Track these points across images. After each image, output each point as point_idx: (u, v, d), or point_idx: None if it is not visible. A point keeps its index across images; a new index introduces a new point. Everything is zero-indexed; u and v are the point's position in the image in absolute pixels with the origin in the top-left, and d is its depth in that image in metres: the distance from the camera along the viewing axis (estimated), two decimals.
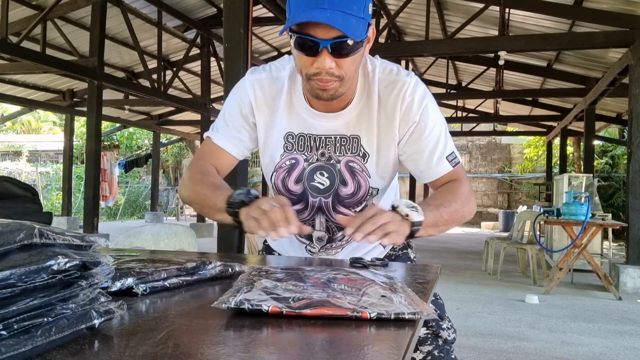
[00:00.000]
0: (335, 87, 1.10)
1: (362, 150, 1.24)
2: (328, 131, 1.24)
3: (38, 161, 19.69)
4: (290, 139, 1.26)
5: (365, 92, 1.21)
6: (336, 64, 1.06)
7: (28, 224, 0.53)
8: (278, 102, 1.24)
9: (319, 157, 1.25)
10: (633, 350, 3.55)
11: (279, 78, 1.25)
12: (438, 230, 1.12)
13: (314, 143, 1.25)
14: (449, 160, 1.22)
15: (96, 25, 7.49)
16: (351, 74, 1.11)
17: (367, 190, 1.27)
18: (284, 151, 1.27)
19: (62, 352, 0.51)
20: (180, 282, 0.87)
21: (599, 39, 6.15)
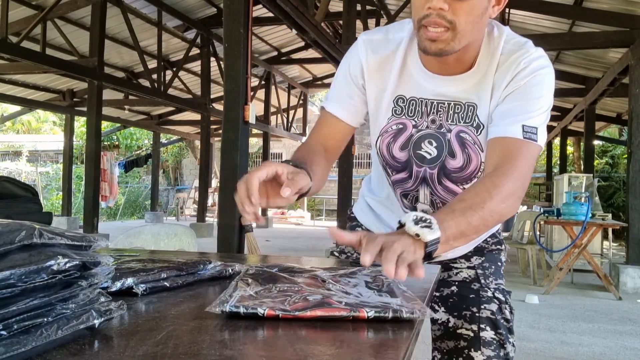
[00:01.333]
0: (446, 40, 0.99)
1: (476, 121, 1.13)
2: (441, 96, 1.13)
3: (38, 161, 19.69)
4: (401, 103, 1.17)
5: (488, 58, 1.10)
6: (449, 6, 0.96)
7: (28, 224, 0.53)
8: (391, 63, 1.15)
9: (429, 124, 1.15)
10: (633, 350, 3.54)
11: (395, 39, 1.16)
12: (466, 240, 0.93)
13: (425, 108, 1.15)
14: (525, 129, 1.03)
15: (96, 25, 7.49)
16: (466, 26, 0.99)
17: (478, 165, 1.15)
18: (392, 115, 1.17)
19: (62, 352, 0.51)
20: (180, 282, 0.87)
21: (599, 39, 6.15)
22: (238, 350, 0.54)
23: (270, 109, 12.93)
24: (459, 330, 1.22)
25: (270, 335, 0.60)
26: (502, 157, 1.02)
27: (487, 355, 1.17)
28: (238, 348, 0.54)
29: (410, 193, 1.24)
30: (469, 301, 1.23)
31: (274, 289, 0.77)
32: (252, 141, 18.12)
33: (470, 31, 1.01)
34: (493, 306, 1.22)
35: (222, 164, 4.69)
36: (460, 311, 1.23)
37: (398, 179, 1.24)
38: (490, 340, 1.19)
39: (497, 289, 1.26)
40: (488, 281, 1.27)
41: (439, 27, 0.98)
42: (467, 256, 1.31)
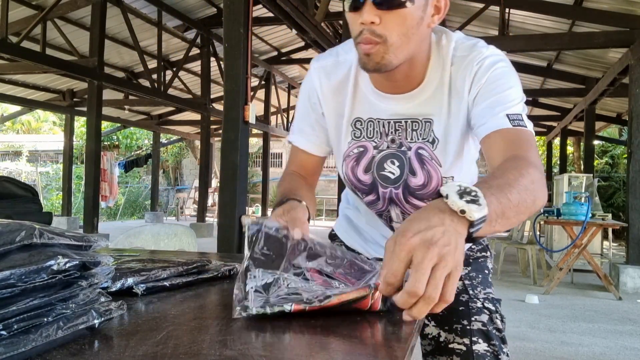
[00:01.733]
0: (380, 53, 0.97)
1: (432, 135, 1.11)
2: (397, 115, 1.12)
3: (38, 161, 19.70)
4: (359, 125, 1.16)
5: (439, 70, 1.08)
6: (380, 19, 0.95)
7: (28, 224, 0.53)
8: (345, 87, 1.15)
9: (389, 144, 1.14)
10: (633, 350, 3.54)
11: (346, 61, 1.16)
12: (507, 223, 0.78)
13: (382, 128, 1.14)
14: (510, 118, 0.98)
15: (96, 25, 7.49)
16: (399, 39, 0.97)
17: (439, 180, 1.14)
18: (352, 138, 1.17)
19: (62, 352, 0.51)
20: (180, 282, 0.87)
21: (599, 39, 6.15)
22: (238, 350, 0.54)
23: (270, 109, 12.93)
24: (451, 345, 1.19)
25: (270, 335, 0.60)
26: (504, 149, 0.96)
27: None
28: (238, 348, 0.54)
29: (383, 213, 1.24)
30: (458, 314, 1.21)
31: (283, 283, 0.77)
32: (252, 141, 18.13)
33: (406, 43, 0.98)
34: (484, 317, 1.20)
35: (222, 164, 4.69)
36: (450, 325, 1.20)
37: (369, 201, 1.24)
38: (484, 352, 1.16)
39: (486, 298, 1.24)
40: (477, 291, 1.24)
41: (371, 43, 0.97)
42: None
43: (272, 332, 0.61)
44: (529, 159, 0.90)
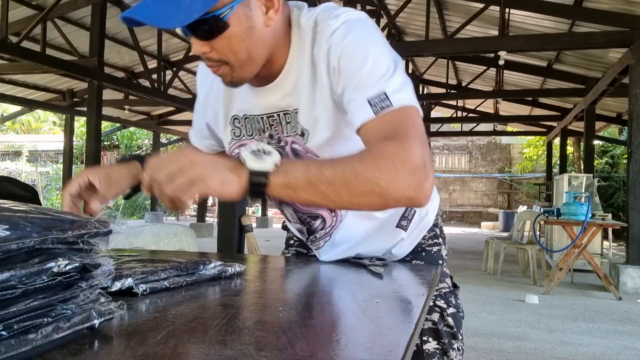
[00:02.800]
0: (228, 73, 0.93)
1: (299, 127, 1.01)
2: (269, 108, 1.04)
3: (38, 161, 19.70)
4: (237, 124, 1.10)
5: (299, 52, 0.98)
6: (210, 47, 0.90)
7: None
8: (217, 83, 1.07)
9: (268, 140, 1.06)
10: (633, 350, 3.55)
11: None
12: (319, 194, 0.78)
13: (259, 124, 1.07)
14: (373, 104, 0.86)
15: (96, 25, 7.49)
16: (236, 56, 0.91)
17: None
18: (232, 137, 1.11)
19: (62, 352, 0.51)
20: (180, 282, 0.87)
21: (599, 39, 6.16)
22: (238, 350, 0.54)
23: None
24: None
25: (270, 335, 0.60)
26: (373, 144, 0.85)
27: None
28: (238, 348, 0.55)
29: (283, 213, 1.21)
30: None
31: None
32: None
33: (248, 57, 0.92)
34: (434, 316, 1.18)
35: None
36: None
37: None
38: (434, 351, 1.16)
39: (438, 295, 1.20)
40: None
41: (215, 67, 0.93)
42: (406, 261, 1.24)
43: (272, 332, 0.61)
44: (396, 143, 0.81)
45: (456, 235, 13.26)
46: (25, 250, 0.50)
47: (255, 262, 1.28)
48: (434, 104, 14.08)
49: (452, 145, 19.05)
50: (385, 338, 0.60)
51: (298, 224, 1.19)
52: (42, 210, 0.57)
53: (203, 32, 0.88)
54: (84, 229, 0.57)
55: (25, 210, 0.56)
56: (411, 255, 1.24)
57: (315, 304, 0.82)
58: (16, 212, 0.55)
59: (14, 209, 0.56)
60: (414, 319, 0.69)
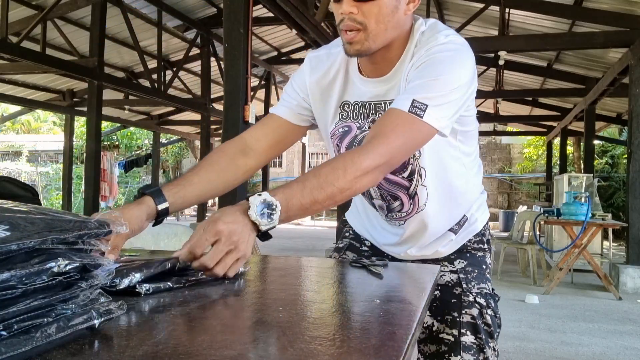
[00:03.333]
0: (360, 40, 1.07)
1: None
2: (377, 97, 1.20)
3: (38, 161, 19.70)
4: (347, 108, 1.24)
5: (410, 53, 1.15)
6: (358, 9, 1.04)
7: None
8: (334, 73, 1.24)
9: (370, 124, 1.21)
10: (633, 350, 3.55)
11: (335, 53, 1.24)
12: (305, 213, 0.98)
13: (365, 110, 1.22)
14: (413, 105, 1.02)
15: (96, 25, 7.49)
16: (377, 25, 1.06)
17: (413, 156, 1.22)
18: (339, 119, 1.25)
19: (62, 352, 0.51)
20: (183, 282, 0.88)
21: (599, 39, 6.16)
22: (238, 350, 0.54)
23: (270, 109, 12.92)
24: (441, 335, 1.24)
25: (271, 335, 0.60)
26: (380, 127, 1.04)
27: (466, 359, 1.20)
28: (238, 348, 0.55)
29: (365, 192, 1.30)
30: (450, 306, 1.25)
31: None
32: None
33: (384, 30, 1.07)
34: (474, 311, 1.24)
35: None
36: (442, 315, 1.25)
37: None
38: (470, 344, 1.21)
39: (479, 293, 1.28)
40: (470, 285, 1.28)
41: (352, 30, 1.06)
42: (450, 259, 1.32)
43: (273, 332, 0.62)
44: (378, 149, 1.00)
45: None
46: (25, 250, 0.50)
47: (255, 262, 1.28)
48: None
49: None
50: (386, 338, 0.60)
51: (380, 200, 1.30)
52: (42, 210, 0.57)
53: None
54: (84, 229, 0.57)
55: (25, 210, 0.56)
56: (456, 254, 1.33)
57: (315, 304, 0.82)
58: (16, 212, 0.55)
59: (14, 209, 0.56)
60: (414, 319, 0.69)
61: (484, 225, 1.37)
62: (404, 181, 1.24)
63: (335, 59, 1.24)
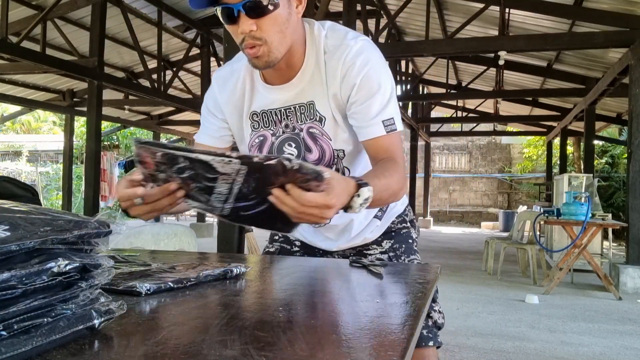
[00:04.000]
0: (265, 52, 1.10)
1: (318, 115, 1.25)
2: (286, 102, 1.25)
3: (38, 161, 19.69)
4: (255, 118, 1.29)
5: (314, 56, 1.21)
6: (257, 26, 1.08)
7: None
8: (239, 88, 1.28)
9: (284, 129, 1.27)
10: (633, 350, 3.55)
11: (238, 68, 1.29)
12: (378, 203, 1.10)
13: (275, 117, 1.27)
14: (385, 124, 1.18)
15: (96, 25, 7.49)
16: (277, 36, 1.11)
17: (331, 153, 1.28)
18: (252, 130, 1.30)
19: (62, 352, 0.51)
20: (184, 283, 0.88)
21: (599, 39, 6.15)
22: (238, 350, 0.54)
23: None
24: None
25: (270, 335, 0.60)
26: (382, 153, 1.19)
27: None
28: (238, 348, 0.55)
29: None
30: None
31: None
32: None
33: (283, 38, 1.12)
34: None
35: None
36: None
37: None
38: None
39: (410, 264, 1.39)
40: (400, 260, 1.41)
41: (255, 47, 1.10)
42: (378, 241, 1.44)
43: (272, 332, 0.62)
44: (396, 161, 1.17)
45: (456, 235, 13.26)
46: (25, 250, 0.50)
47: (256, 262, 1.28)
48: (434, 104, 14.08)
49: (452, 145, 19.05)
50: (386, 338, 0.60)
51: None
52: (42, 210, 0.57)
53: (258, 10, 1.06)
54: (84, 229, 0.57)
55: (25, 210, 0.56)
56: (382, 236, 1.45)
57: (315, 304, 0.82)
58: (16, 212, 0.55)
59: (14, 209, 0.56)
60: (414, 319, 0.69)
61: (405, 207, 1.50)
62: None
63: (239, 74, 1.28)
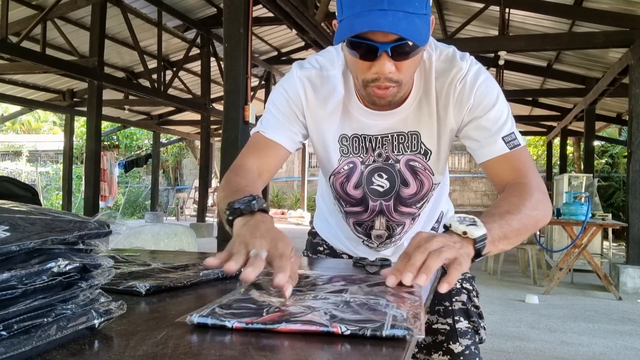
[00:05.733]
0: (394, 93, 1.01)
1: (423, 147, 1.15)
2: (384, 130, 1.14)
3: (38, 161, 19.69)
4: (345, 142, 1.17)
5: (422, 84, 1.11)
6: (396, 68, 0.97)
7: None
8: (330, 103, 1.14)
9: (375, 158, 1.18)
10: (633, 350, 3.55)
11: (330, 77, 1.14)
12: (509, 243, 0.94)
13: (369, 144, 1.16)
14: (506, 141, 1.07)
15: (96, 25, 7.49)
16: (411, 77, 1.03)
17: (430, 187, 1.22)
18: (341, 155, 1.19)
19: (62, 352, 0.51)
20: (184, 282, 0.87)
21: (599, 39, 6.16)
22: (238, 350, 0.54)
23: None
24: (435, 326, 1.25)
25: (271, 335, 0.60)
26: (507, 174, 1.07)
27: (465, 345, 1.23)
28: (238, 348, 0.55)
29: (365, 223, 1.29)
30: (440, 296, 1.26)
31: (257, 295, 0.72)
32: None
33: (413, 75, 1.05)
34: (463, 297, 1.27)
35: (222, 164, 4.69)
36: (433, 307, 1.27)
37: (352, 212, 1.28)
38: (466, 329, 1.25)
39: (463, 279, 1.30)
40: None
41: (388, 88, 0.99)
42: None
43: (273, 333, 0.61)
44: (531, 184, 1.03)
45: None
46: (25, 251, 0.50)
47: None
48: None
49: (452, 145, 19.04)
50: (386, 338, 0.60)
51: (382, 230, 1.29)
52: (42, 210, 0.57)
53: (405, 52, 0.95)
54: (84, 229, 0.57)
55: (25, 210, 0.56)
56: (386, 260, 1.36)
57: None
58: (16, 212, 0.55)
59: (14, 210, 0.56)
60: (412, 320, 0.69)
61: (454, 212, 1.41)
62: (414, 209, 1.26)
63: (330, 85, 1.14)
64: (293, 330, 0.60)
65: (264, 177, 1.14)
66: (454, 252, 0.80)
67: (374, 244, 1.33)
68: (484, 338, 1.28)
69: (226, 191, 1.00)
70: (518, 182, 1.04)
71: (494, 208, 0.97)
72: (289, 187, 19.11)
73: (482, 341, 1.27)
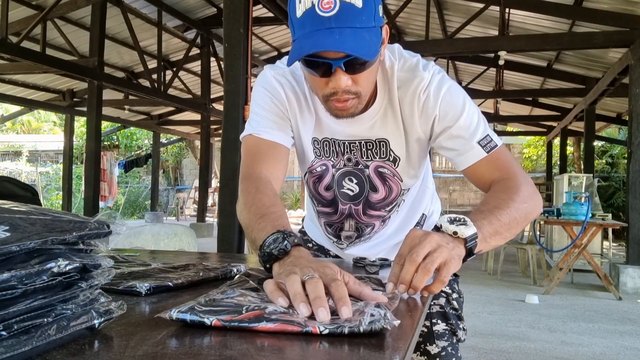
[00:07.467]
0: (355, 105, 1.02)
1: (392, 154, 1.17)
2: (351, 136, 1.16)
3: (38, 161, 19.69)
4: (317, 145, 1.20)
5: (386, 91, 1.12)
6: (352, 81, 0.98)
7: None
8: (302, 105, 1.16)
9: (345, 162, 1.20)
10: (633, 350, 3.55)
11: (301, 81, 1.15)
12: (502, 238, 0.95)
13: (338, 148, 1.18)
14: (482, 145, 1.07)
15: (96, 25, 7.49)
16: (369, 87, 1.04)
17: (399, 192, 1.23)
18: (315, 156, 1.22)
19: (62, 352, 0.51)
20: (184, 282, 0.87)
21: (599, 39, 6.15)
22: (238, 350, 0.54)
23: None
24: None
25: (270, 335, 0.60)
26: (490, 175, 1.08)
27: (441, 346, 1.27)
28: (238, 348, 0.55)
29: (335, 224, 1.32)
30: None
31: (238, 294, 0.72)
32: None
33: (372, 85, 1.06)
34: (441, 300, 1.30)
35: (222, 164, 4.69)
36: None
37: (323, 212, 1.31)
38: (443, 331, 1.28)
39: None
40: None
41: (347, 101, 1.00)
42: None
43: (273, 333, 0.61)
44: (516, 178, 1.04)
45: None
46: (25, 251, 0.50)
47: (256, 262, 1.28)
48: None
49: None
50: (385, 338, 0.60)
51: (352, 231, 1.31)
52: (42, 210, 0.57)
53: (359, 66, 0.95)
54: (84, 229, 0.57)
55: (25, 211, 0.56)
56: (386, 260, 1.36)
57: None
58: (16, 212, 0.55)
59: (14, 210, 0.56)
60: (414, 319, 0.70)
61: (440, 214, 1.40)
62: (384, 213, 1.28)
63: (302, 88, 1.15)
64: (271, 329, 0.60)
65: (278, 185, 1.14)
66: (445, 255, 0.80)
67: (343, 244, 1.35)
68: (462, 338, 1.31)
69: (251, 212, 0.99)
70: (503, 179, 1.05)
71: (482, 205, 0.98)
72: (289, 187, 19.11)
73: (460, 341, 1.31)
